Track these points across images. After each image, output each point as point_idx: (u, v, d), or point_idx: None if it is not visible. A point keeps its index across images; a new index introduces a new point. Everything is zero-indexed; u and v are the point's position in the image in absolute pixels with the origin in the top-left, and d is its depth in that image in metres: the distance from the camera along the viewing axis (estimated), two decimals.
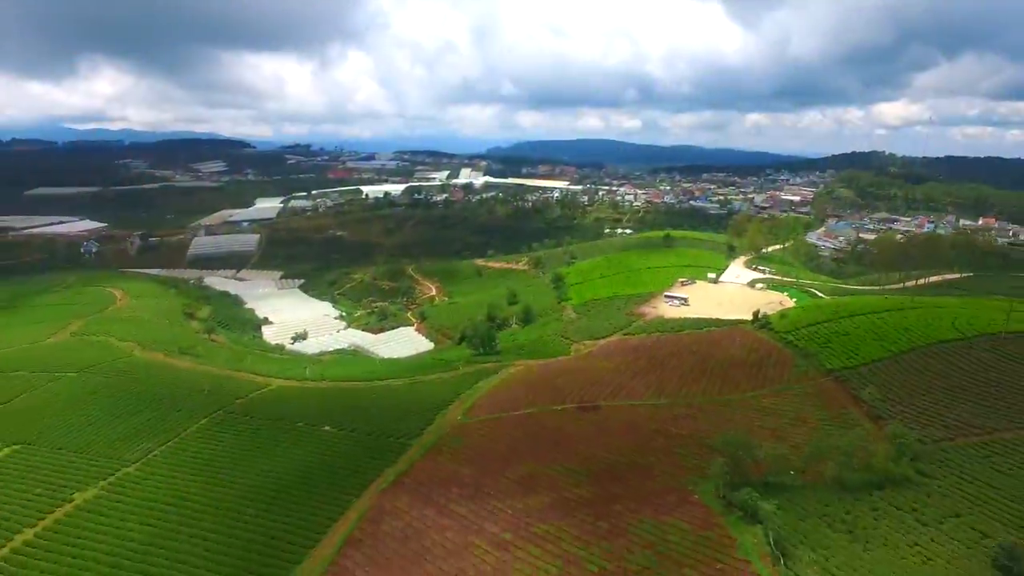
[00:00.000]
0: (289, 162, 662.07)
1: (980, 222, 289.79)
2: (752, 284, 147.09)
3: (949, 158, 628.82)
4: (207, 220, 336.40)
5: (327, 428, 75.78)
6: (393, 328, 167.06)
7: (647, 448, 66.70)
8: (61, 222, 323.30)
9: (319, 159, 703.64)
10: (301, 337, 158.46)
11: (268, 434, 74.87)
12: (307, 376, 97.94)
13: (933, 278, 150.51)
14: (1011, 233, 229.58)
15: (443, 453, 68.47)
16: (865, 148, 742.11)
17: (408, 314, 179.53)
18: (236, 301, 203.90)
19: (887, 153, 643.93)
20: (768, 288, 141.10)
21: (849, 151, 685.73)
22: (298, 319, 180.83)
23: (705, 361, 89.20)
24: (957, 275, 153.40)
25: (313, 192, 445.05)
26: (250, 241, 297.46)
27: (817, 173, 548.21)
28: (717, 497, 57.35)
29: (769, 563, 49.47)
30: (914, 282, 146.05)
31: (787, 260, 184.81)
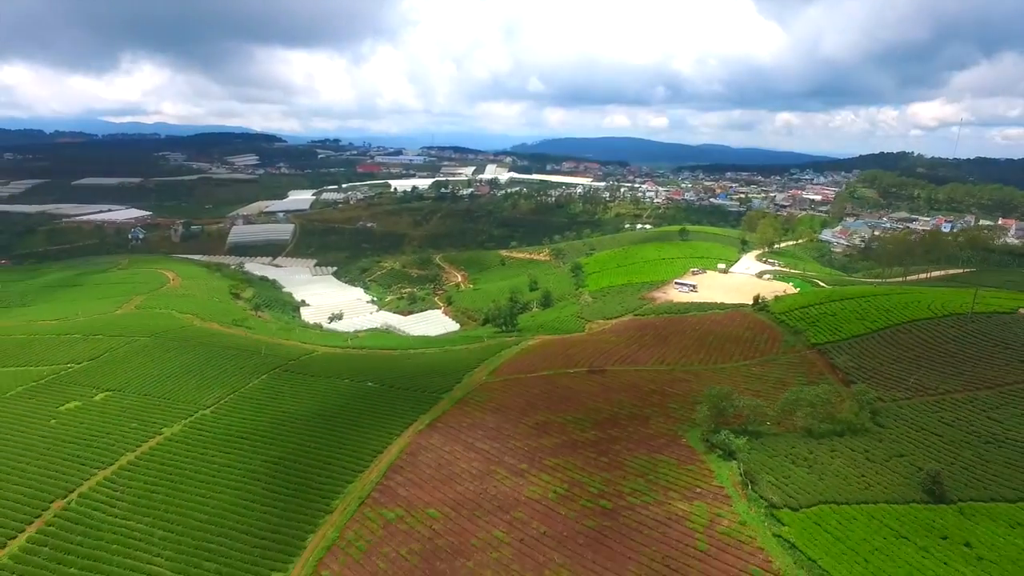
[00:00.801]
0: (319, 156, 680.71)
1: (1000, 222, 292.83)
2: (760, 275, 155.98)
3: (980, 159, 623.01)
4: (245, 210, 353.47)
5: (370, 384, 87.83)
6: (422, 311, 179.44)
7: (645, 403, 77.27)
8: (110, 210, 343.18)
9: (348, 154, 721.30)
10: (337, 317, 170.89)
11: (320, 386, 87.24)
12: (349, 344, 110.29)
13: (936, 273, 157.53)
14: (1015, 231, 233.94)
15: (470, 404, 79.89)
16: (899, 148, 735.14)
17: (436, 299, 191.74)
18: (275, 285, 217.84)
19: (915, 154, 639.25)
20: (774, 278, 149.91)
21: (878, 152, 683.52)
22: (333, 302, 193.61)
23: (705, 337, 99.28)
24: (960, 270, 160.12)
25: (343, 185, 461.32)
26: (286, 230, 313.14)
27: (842, 173, 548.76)
28: (701, 440, 67.75)
29: (739, 488, 59.92)
30: (916, 276, 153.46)
31: (798, 255, 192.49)
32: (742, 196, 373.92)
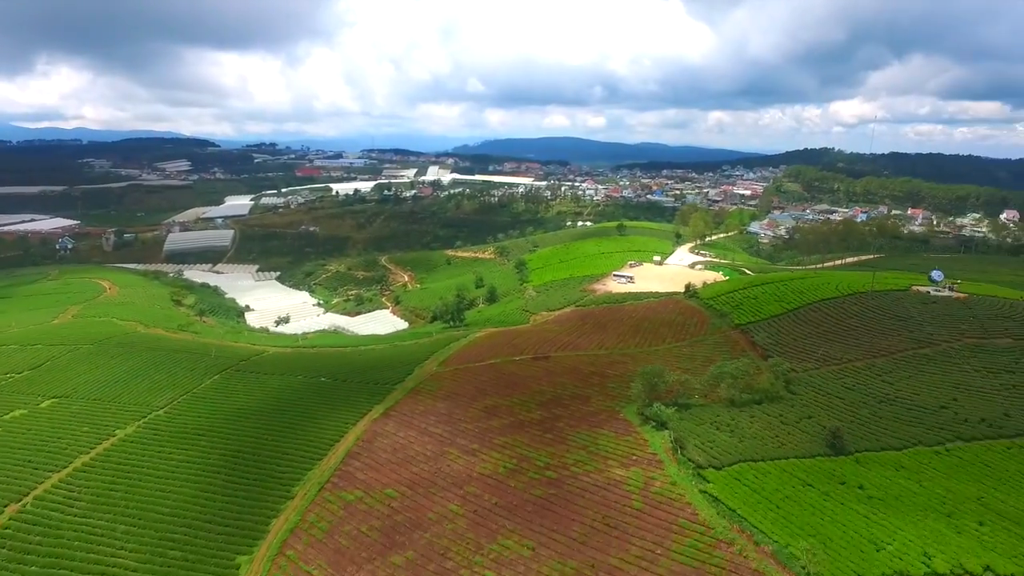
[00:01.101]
0: (256, 160, 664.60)
1: (909, 212, 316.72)
2: (692, 265, 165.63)
3: (894, 154, 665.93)
4: (181, 217, 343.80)
5: (323, 379, 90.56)
6: (369, 311, 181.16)
7: (586, 384, 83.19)
8: (33, 219, 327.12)
9: (286, 158, 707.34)
10: (284, 320, 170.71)
11: (273, 383, 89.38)
12: (299, 344, 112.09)
13: (850, 259, 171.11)
14: (921, 220, 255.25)
15: (422, 393, 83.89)
16: (824, 145, 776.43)
17: (383, 299, 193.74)
18: (217, 291, 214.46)
19: (836, 150, 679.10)
20: (706, 268, 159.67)
21: (802, 148, 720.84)
22: (278, 306, 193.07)
23: (640, 323, 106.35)
24: (871, 256, 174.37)
25: (283, 190, 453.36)
26: (225, 236, 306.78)
27: (770, 169, 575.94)
28: (637, 414, 73.99)
29: (670, 454, 66.31)
30: (833, 263, 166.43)
31: (728, 246, 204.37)
32: (677, 192, 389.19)
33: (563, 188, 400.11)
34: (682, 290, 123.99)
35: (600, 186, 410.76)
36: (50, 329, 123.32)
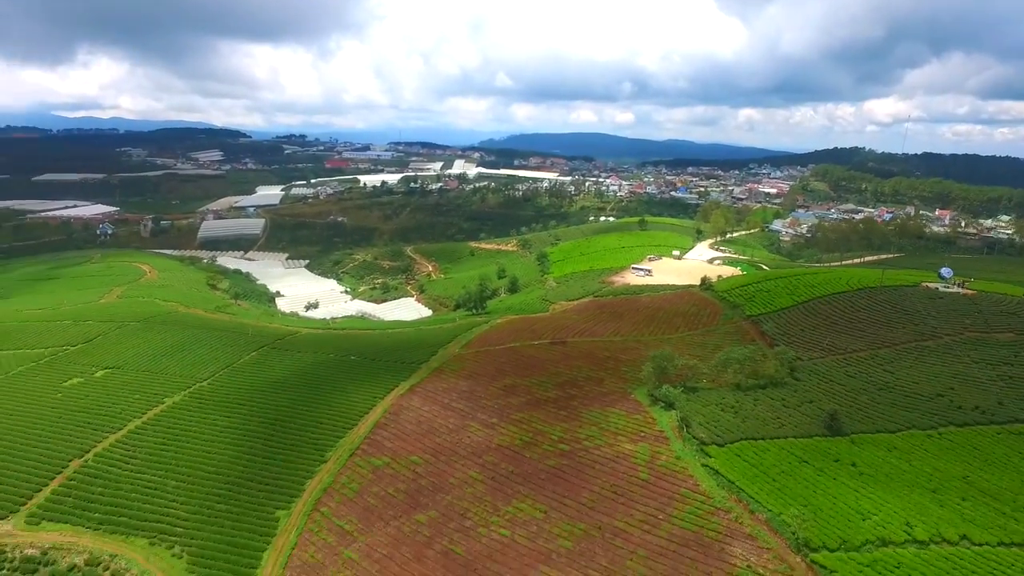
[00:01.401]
0: (286, 151, 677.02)
1: (936, 213, 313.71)
2: (711, 261, 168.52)
3: (927, 155, 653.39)
4: (214, 205, 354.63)
5: (353, 357, 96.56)
6: (395, 299, 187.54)
7: (600, 368, 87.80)
8: (75, 205, 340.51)
9: (315, 149, 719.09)
10: (313, 306, 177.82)
11: (307, 359, 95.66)
12: (330, 325, 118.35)
13: (869, 257, 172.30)
14: (948, 221, 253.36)
15: (445, 372, 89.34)
16: (857, 144, 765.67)
17: (408, 287, 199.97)
18: (248, 278, 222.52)
19: (867, 149, 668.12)
20: (723, 264, 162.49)
21: (832, 147, 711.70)
22: (307, 292, 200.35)
23: (656, 313, 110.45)
24: (891, 256, 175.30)
25: (312, 180, 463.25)
26: (256, 225, 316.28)
27: (798, 168, 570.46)
28: (647, 395, 78.41)
29: (676, 431, 70.71)
30: (852, 261, 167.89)
31: (749, 243, 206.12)
32: (701, 190, 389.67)
33: (587, 183, 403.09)
34: (698, 283, 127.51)
35: (624, 182, 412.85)
36: (98, 307, 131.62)
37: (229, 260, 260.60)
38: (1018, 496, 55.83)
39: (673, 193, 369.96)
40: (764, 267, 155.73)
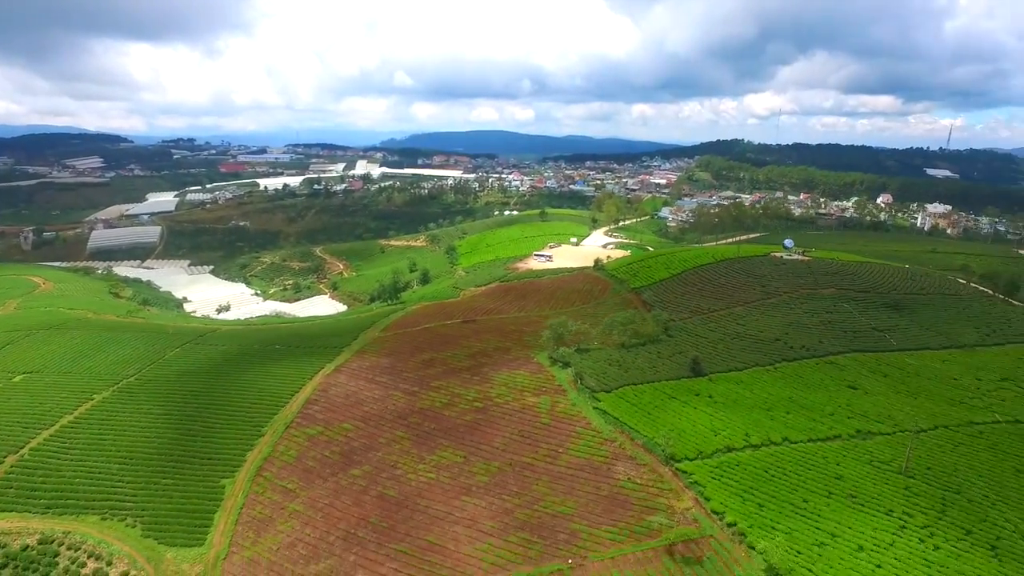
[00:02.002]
0: (175, 156, 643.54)
1: (801, 197, 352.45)
2: (604, 246, 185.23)
3: (797, 145, 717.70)
4: (103, 214, 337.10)
5: (278, 346, 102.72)
6: (308, 298, 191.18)
7: (507, 339, 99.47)
8: None
9: (206, 153, 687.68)
10: (224, 309, 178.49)
11: (233, 351, 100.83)
12: (250, 323, 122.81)
13: (740, 237, 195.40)
14: (810, 203, 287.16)
15: (367, 352, 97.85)
16: (739, 136, 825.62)
17: (320, 286, 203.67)
18: (150, 285, 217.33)
19: (746, 141, 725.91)
20: (615, 248, 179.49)
21: (716, 139, 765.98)
22: (216, 297, 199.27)
23: (555, 292, 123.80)
24: (757, 234, 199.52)
25: (207, 186, 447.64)
26: (152, 233, 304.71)
27: (686, 159, 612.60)
28: (547, 358, 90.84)
29: (572, 384, 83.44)
30: (725, 241, 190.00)
31: (639, 229, 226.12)
32: (598, 182, 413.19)
33: (491, 180, 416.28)
34: (592, 265, 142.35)
35: (526, 178, 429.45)
36: (2, 317, 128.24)
37: (126, 269, 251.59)
38: (825, 407, 72.70)
39: (572, 186, 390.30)
40: (650, 249, 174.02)
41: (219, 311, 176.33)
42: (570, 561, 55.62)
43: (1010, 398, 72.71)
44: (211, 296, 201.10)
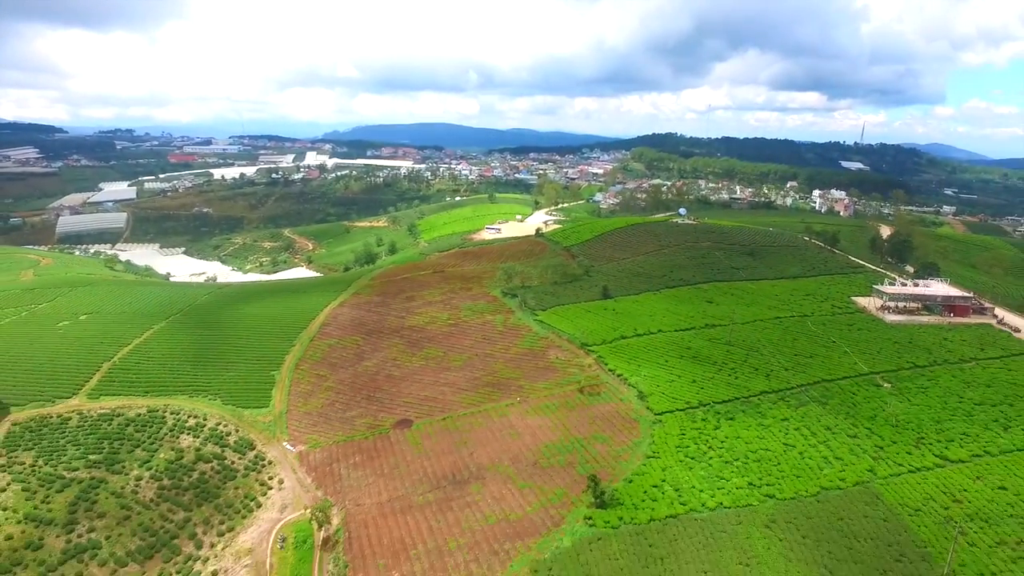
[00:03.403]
0: (119, 147, 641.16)
1: (719, 184, 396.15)
2: (544, 223, 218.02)
3: (726, 138, 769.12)
4: (66, 200, 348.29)
5: (289, 291, 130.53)
6: (286, 270, 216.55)
7: (469, 283, 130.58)
8: None
9: (148, 144, 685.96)
10: (212, 280, 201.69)
11: (256, 294, 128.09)
12: (252, 281, 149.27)
13: (658, 216, 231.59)
14: (725, 190, 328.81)
15: (361, 293, 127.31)
16: (678, 129, 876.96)
17: (296, 260, 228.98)
18: (130, 264, 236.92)
19: (679, 134, 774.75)
20: (554, 223, 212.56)
21: (651, 133, 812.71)
22: (198, 272, 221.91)
23: (504, 252, 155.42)
24: (671, 212, 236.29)
25: (161, 176, 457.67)
26: (119, 219, 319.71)
27: (623, 152, 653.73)
28: (502, 293, 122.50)
29: (519, 307, 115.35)
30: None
31: (575, 210, 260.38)
32: (541, 172, 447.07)
33: (441, 169, 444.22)
34: (533, 233, 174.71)
35: (474, 168, 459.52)
36: (31, 282, 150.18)
37: (101, 251, 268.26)
38: (689, 313, 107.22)
39: (517, 175, 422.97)
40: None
41: (208, 282, 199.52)
42: (518, 399, 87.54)
43: (806, 303, 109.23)
44: (193, 272, 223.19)
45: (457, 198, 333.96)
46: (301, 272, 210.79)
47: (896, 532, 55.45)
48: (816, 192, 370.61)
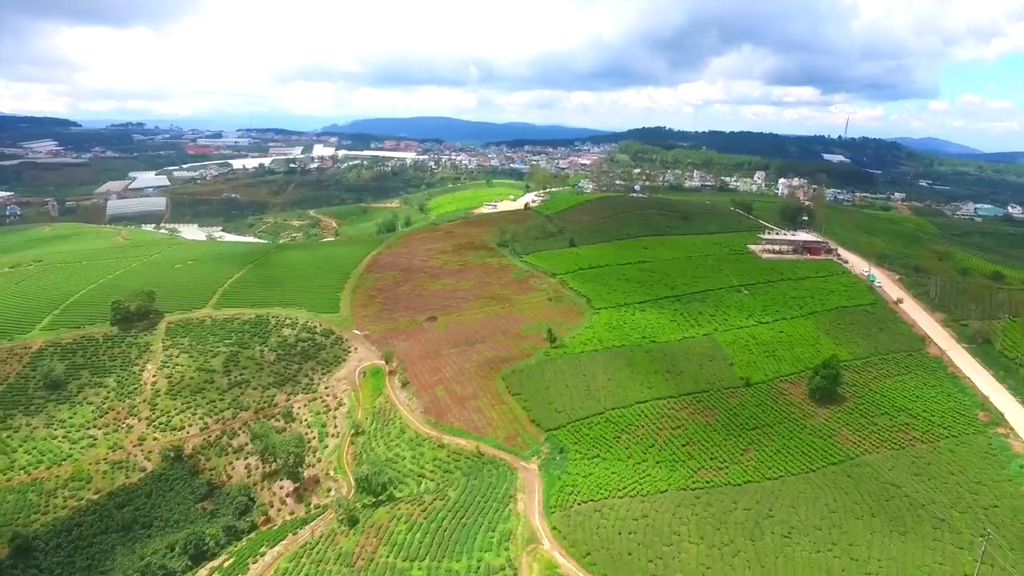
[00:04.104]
0: (136, 139, 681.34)
1: (695, 174, 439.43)
2: (532, 200, 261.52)
3: (712, 132, 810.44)
4: (109, 187, 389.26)
5: (338, 245, 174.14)
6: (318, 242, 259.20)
7: (473, 238, 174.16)
8: None
9: (162, 137, 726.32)
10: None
11: (307, 247, 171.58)
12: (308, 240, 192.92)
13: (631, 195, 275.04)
14: (697, 178, 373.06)
15: (392, 246, 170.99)
16: (675, 124, 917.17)
17: (324, 234, 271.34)
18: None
19: (667, 128, 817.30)
20: (540, 201, 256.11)
21: (641, 127, 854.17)
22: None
23: (499, 219, 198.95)
24: (644, 195, 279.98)
25: (184, 166, 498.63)
26: (159, 202, 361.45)
27: (612, 144, 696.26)
28: (497, 244, 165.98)
29: (510, 253, 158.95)
30: None
31: (560, 193, 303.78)
32: (534, 163, 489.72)
33: (442, 159, 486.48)
34: (522, 208, 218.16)
35: (473, 158, 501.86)
36: (125, 243, 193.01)
37: (150, 230, 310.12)
38: (629, 255, 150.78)
39: (511, 165, 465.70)
40: None
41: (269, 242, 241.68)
42: (508, 304, 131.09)
43: (713, 248, 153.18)
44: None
45: (459, 184, 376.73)
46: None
47: (717, 353, 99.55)
48: (781, 180, 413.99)
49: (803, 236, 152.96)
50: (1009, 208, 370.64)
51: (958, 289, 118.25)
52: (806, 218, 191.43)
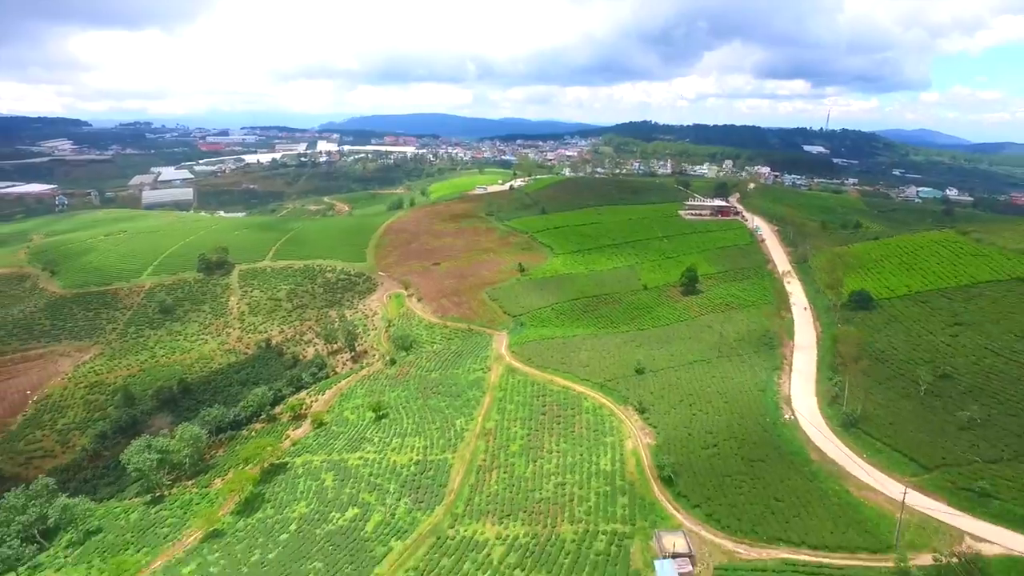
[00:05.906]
0: (148, 137, 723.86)
1: (668, 163, 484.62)
2: (517, 184, 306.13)
3: (696, 125, 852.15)
4: (145, 178, 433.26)
5: (355, 219, 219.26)
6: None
7: (471, 215, 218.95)
8: (13, 185, 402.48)
9: (171, 135, 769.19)
10: None
11: (332, 218, 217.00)
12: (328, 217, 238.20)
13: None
14: (670, 167, 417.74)
15: (403, 217, 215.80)
16: (667, 118, 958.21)
17: (338, 216, 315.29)
18: None
19: (653, 122, 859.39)
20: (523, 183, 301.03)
21: (628, 121, 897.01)
22: None
23: (488, 197, 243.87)
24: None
25: (201, 161, 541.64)
26: (188, 193, 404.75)
27: (599, 137, 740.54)
28: (485, 214, 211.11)
29: (496, 221, 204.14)
30: None
31: (544, 179, 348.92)
32: (524, 154, 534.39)
33: (440, 152, 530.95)
34: (508, 189, 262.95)
35: (468, 151, 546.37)
36: (177, 221, 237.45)
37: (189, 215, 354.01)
38: (586, 219, 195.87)
39: (503, 157, 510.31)
40: None
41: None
42: (492, 254, 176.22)
43: (650, 213, 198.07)
44: None
45: (455, 173, 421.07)
46: None
47: (632, 275, 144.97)
48: (747, 168, 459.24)
49: (718, 203, 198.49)
50: (947, 191, 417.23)
51: (803, 233, 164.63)
52: (738, 194, 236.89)
